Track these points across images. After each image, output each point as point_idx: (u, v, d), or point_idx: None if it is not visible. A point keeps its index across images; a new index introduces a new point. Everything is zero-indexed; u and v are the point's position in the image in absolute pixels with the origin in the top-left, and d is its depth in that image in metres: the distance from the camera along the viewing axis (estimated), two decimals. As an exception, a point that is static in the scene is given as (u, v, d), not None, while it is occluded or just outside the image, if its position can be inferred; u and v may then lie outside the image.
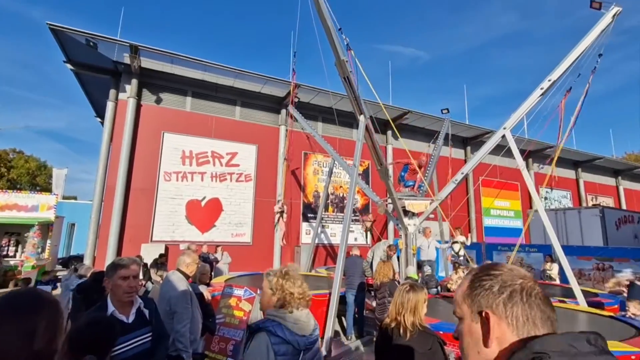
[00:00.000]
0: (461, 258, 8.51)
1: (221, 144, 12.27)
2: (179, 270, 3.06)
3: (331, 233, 13.66)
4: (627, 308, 5.73)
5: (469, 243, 9.26)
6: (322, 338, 4.39)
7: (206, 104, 12.40)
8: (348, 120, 13.31)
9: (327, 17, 5.09)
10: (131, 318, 2.08)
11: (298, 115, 11.04)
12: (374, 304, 6.07)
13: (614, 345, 3.85)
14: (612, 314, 5.75)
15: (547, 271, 9.38)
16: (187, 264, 3.09)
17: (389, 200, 7.64)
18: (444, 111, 11.15)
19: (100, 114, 13.82)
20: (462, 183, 9.75)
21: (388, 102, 14.24)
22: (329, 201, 13.85)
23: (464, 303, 0.77)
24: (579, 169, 21.94)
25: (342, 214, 13.83)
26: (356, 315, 6.52)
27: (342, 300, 6.26)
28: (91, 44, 9.69)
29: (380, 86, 21.75)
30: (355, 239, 13.86)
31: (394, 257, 7.96)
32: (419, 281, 7.56)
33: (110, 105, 10.94)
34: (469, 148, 18.02)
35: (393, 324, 2.28)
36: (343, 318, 6.81)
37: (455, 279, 7.84)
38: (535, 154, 18.89)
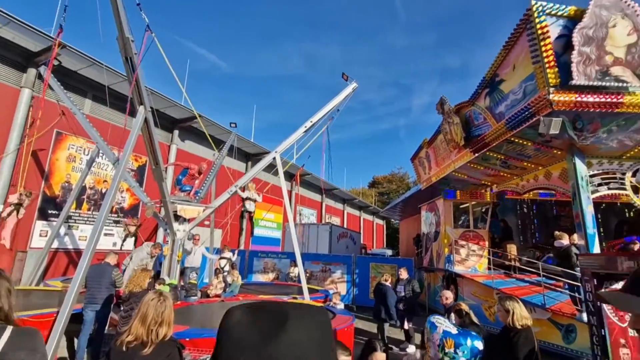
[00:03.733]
0: (225, 273, 9.12)
1: None
2: None
3: (81, 236, 11.18)
4: (331, 299, 8.05)
5: (234, 259, 10.08)
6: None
7: None
8: (126, 105, 11.65)
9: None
10: None
11: (55, 83, 8.68)
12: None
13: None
14: (322, 304, 7.87)
15: (291, 274, 11.59)
16: None
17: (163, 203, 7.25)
18: (232, 124, 11.79)
19: None
20: (238, 194, 10.61)
21: (180, 101, 13.59)
22: (84, 196, 11.36)
23: None
24: (324, 195, 28.64)
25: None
26: (93, 335, 5.55)
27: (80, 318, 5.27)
28: None
29: (174, 83, 20.43)
30: (114, 244, 11.96)
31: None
32: (179, 288, 7.51)
33: None
34: (250, 163, 19.74)
35: (131, 338, 2.09)
36: (77, 339, 5.67)
37: (215, 284, 8.34)
38: (300, 178, 23.12)
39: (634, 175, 6.03)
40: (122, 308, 4.73)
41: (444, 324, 1.84)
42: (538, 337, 6.72)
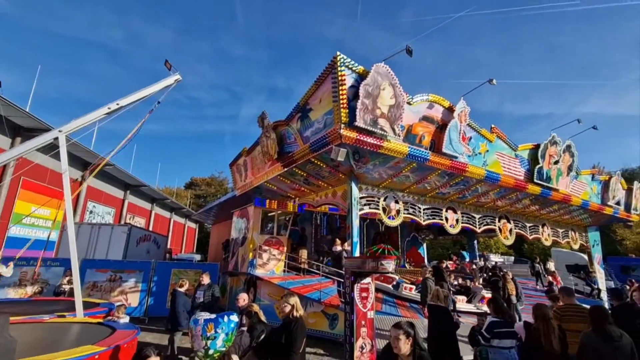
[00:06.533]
0: None
1: None
2: None
3: None
4: (114, 312, 6.94)
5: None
6: None
7: None
8: None
9: None
10: None
11: None
12: None
13: (86, 349, 4.38)
14: (101, 320, 6.64)
15: (63, 286, 9.25)
16: None
17: None
18: (-8, 83, 8.57)
19: None
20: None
21: None
22: None
23: None
24: (128, 191, 24.67)
25: None
26: None
27: None
28: None
29: None
30: None
31: None
32: None
33: None
34: (19, 139, 14.82)
35: None
36: None
37: None
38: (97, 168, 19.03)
39: (384, 200, 8.32)
40: None
41: (204, 315, 2.01)
42: (313, 326, 8.06)
